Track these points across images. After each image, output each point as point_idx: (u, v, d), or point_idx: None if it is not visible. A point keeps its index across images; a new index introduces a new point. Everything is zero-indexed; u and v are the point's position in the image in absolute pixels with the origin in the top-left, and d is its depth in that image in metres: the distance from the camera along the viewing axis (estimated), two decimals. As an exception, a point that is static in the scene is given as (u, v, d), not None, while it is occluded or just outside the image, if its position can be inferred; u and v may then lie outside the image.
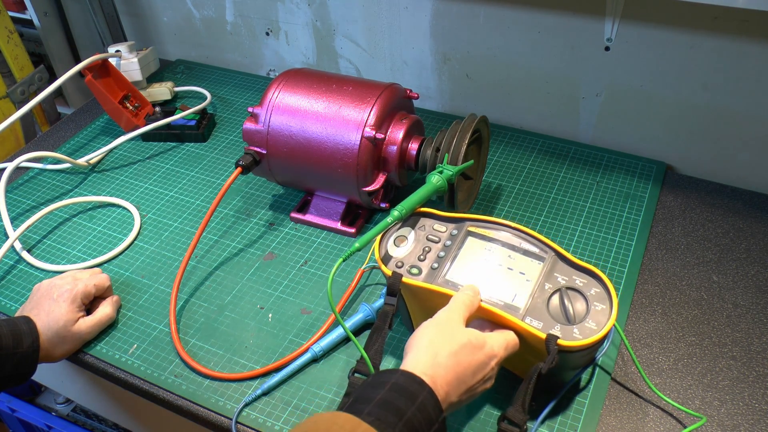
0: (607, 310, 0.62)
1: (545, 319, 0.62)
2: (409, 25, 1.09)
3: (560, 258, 0.66)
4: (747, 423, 0.67)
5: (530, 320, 0.62)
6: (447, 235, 0.71)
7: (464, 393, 0.57)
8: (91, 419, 1.39)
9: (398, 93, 0.88)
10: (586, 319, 0.62)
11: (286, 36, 1.24)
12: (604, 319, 0.61)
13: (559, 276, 0.65)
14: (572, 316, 0.62)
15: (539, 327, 0.62)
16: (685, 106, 0.96)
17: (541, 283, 0.65)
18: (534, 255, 0.67)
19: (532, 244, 0.68)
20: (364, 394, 0.53)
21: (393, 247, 0.71)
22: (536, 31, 0.99)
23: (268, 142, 0.88)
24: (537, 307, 0.63)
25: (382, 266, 0.69)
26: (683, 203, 0.94)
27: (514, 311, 0.63)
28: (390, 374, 0.55)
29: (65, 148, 1.14)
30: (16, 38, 1.27)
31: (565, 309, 0.62)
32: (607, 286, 0.63)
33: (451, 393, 0.56)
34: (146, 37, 1.42)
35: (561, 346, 0.60)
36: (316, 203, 0.94)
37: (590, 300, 0.63)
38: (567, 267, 0.66)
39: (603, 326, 0.61)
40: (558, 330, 0.61)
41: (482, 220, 0.71)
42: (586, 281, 0.64)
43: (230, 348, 0.78)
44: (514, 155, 1.04)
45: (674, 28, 0.89)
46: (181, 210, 0.99)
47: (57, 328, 0.75)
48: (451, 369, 0.56)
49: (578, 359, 0.65)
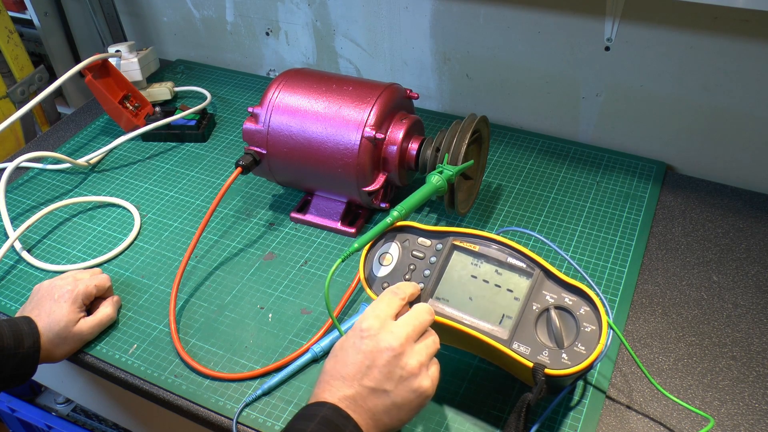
0: (596, 331, 0.60)
1: (533, 344, 0.61)
2: (409, 25, 1.09)
3: (548, 275, 0.64)
4: (747, 423, 0.67)
5: (518, 345, 0.61)
6: (432, 250, 0.68)
7: (390, 408, 0.56)
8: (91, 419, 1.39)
9: (398, 93, 0.88)
10: (575, 342, 0.60)
11: (286, 36, 1.24)
12: (594, 341, 0.60)
13: (548, 294, 0.63)
14: (561, 340, 0.60)
15: (527, 354, 0.61)
16: (685, 106, 0.96)
17: (529, 303, 0.63)
18: (521, 270, 0.65)
19: (518, 260, 0.65)
20: (296, 427, 0.55)
21: (378, 266, 0.69)
22: (536, 31, 0.99)
23: (268, 142, 0.88)
24: (525, 330, 0.62)
25: (368, 290, 0.68)
26: (683, 203, 0.94)
27: (501, 336, 0.62)
28: (318, 407, 0.55)
29: (65, 148, 1.14)
30: (16, 38, 1.27)
31: (554, 332, 0.61)
32: (596, 305, 0.61)
33: (377, 416, 0.56)
34: (146, 37, 1.42)
35: (549, 375, 0.58)
36: (316, 203, 0.94)
37: (579, 320, 0.61)
38: (555, 285, 0.64)
39: (592, 350, 0.59)
40: (546, 355, 0.60)
41: (467, 234, 0.68)
42: (575, 300, 0.62)
43: (230, 348, 0.78)
44: (514, 155, 1.04)
45: (674, 28, 0.89)
46: (181, 210, 0.99)
47: (58, 329, 0.76)
48: (367, 391, 0.56)
49: (568, 382, 0.64)
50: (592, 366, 0.60)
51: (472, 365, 0.74)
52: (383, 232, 0.70)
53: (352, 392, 0.56)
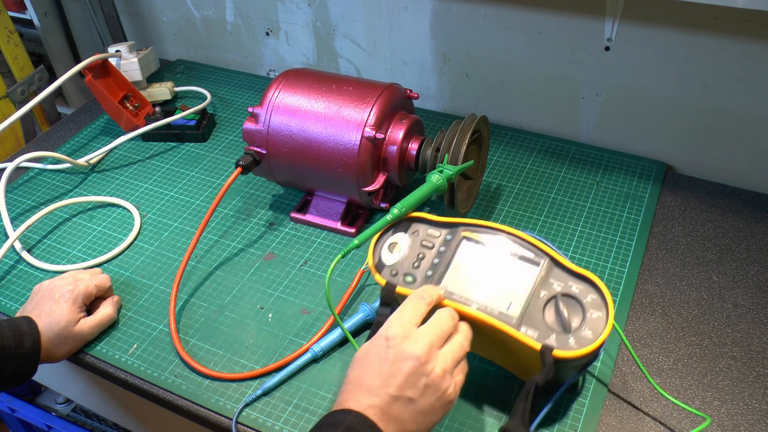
0: (603, 318, 0.61)
1: (541, 328, 0.61)
2: (409, 25, 1.09)
3: (555, 264, 0.65)
4: (747, 423, 0.67)
5: (525, 329, 0.61)
6: (441, 240, 0.69)
7: (416, 415, 0.56)
8: (91, 419, 1.39)
9: (398, 93, 0.88)
10: (582, 327, 0.61)
11: (286, 36, 1.24)
12: (601, 327, 0.60)
13: (555, 282, 0.64)
14: (568, 325, 0.61)
15: (534, 336, 0.61)
16: (685, 106, 0.96)
17: (537, 290, 0.64)
18: (529, 260, 0.66)
19: (527, 250, 0.66)
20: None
21: (387, 254, 0.70)
22: (536, 31, 0.99)
23: (268, 142, 0.88)
24: (532, 316, 0.62)
25: (376, 275, 0.68)
26: (683, 203, 0.94)
27: (508, 320, 0.62)
28: (344, 415, 0.55)
29: (65, 148, 1.14)
30: (16, 38, 1.27)
31: (561, 317, 0.61)
32: (603, 293, 0.62)
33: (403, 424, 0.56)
34: (146, 37, 1.43)
35: (557, 357, 0.59)
36: (316, 203, 0.94)
37: (586, 307, 0.62)
38: (563, 273, 0.64)
39: (599, 334, 0.60)
40: (553, 339, 0.60)
41: (477, 225, 0.69)
42: (582, 288, 0.63)
43: (230, 348, 0.78)
44: (514, 155, 1.04)
45: (674, 28, 0.89)
46: (181, 210, 0.99)
47: (58, 329, 0.76)
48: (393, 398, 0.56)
49: (574, 367, 0.64)
50: (598, 353, 0.61)
51: (472, 365, 0.74)
52: (383, 229, 0.70)
53: (378, 401, 0.56)
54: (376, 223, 0.69)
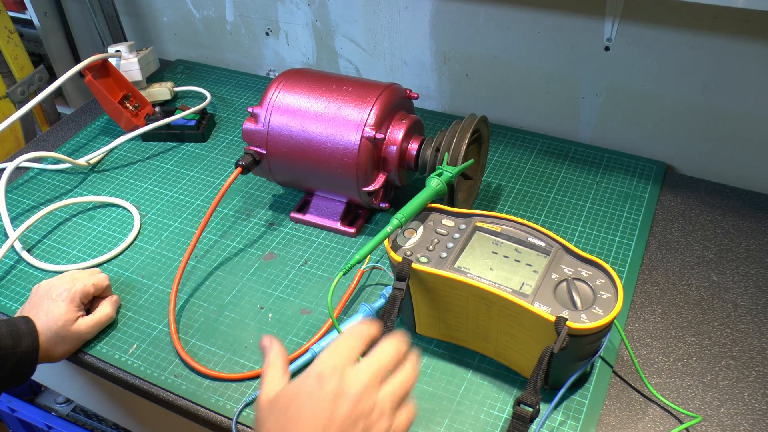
0: (612, 299, 0.64)
1: (553, 305, 0.64)
2: (409, 25, 1.09)
3: (566, 251, 0.68)
4: (747, 423, 0.67)
5: (539, 305, 0.64)
6: (455, 229, 0.72)
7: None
8: (91, 419, 1.39)
9: (398, 93, 0.88)
10: (592, 306, 0.63)
11: (286, 36, 1.24)
12: (610, 306, 0.63)
13: (566, 267, 0.67)
14: (579, 303, 0.63)
15: (548, 311, 0.63)
16: (685, 106, 0.96)
17: (548, 274, 0.66)
18: (541, 249, 0.69)
19: (539, 239, 0.70)
20: None
21: (402, 238, 0.72)
22: (536, 31, 0.99)
23: (268, 142, 0.88)
24: (545, 294, 0.65)
25: (391, 252, 0.69)
26: (683, 203, 0.94)
27: (522, 297, 0.64)
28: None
29: (65, 148, 1.14)
30: (16, 38, 1.27)
31: (572, 296, 0.64)
32: (612, 276, 0.65)
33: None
34: (146, 37, 1.43)
35: (570, 329, 0.61)
36: (316, 203, 0.94)
37: (596, 289, 0.65)
38: (573, 259, 0.68)
39: (609, 312, 0.62)
40: (566, 314, 0.63)
41: (491, 216, 0.73)
42: (591, 272, 0.66)
43: (230, 348, 0.78)
44: (514, 155, 1.04)
45: (674, 28, 0.89)
46: (181, 210, 0.99)
47: (56, 328, 0.75)
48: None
49: (584, 346, 0.65)
50: (607, 332, 0.64)
51: (472, 365, 0.74)
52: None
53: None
54: (377, 236, 0.70)
